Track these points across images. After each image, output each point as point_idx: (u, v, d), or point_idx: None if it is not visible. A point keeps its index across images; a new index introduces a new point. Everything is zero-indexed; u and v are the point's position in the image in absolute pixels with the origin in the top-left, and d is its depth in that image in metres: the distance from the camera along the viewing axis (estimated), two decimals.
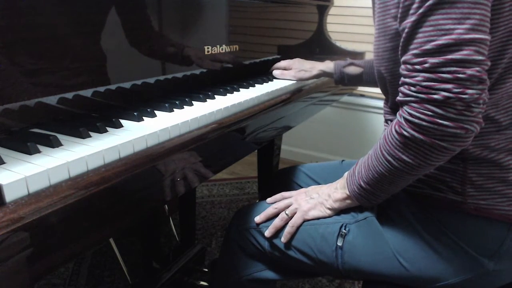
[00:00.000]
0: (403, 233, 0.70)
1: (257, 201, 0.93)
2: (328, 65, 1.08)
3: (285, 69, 1.08)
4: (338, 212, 0.76)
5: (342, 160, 1.02)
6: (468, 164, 0.64)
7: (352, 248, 0.72)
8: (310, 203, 0.76)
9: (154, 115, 0.68)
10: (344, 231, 0.72)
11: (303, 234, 0.76)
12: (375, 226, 0.72)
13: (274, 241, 0.78)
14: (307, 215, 0.75)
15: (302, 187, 0.92)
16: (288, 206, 0.78)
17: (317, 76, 1.08)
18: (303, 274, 0.86)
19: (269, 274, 0.82)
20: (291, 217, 0.76)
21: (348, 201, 0.73)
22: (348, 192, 0.72)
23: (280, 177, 1.06)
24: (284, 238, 0.76)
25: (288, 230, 0.76)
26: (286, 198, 0.81)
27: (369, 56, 1.46)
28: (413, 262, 0.69)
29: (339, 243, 0.72)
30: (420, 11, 0.54)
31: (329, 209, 0.75)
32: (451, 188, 0.66)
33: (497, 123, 0.63)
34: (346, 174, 0.74)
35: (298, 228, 0.76)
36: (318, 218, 0.75)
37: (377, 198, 0.69)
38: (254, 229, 0.81)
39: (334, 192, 0.75)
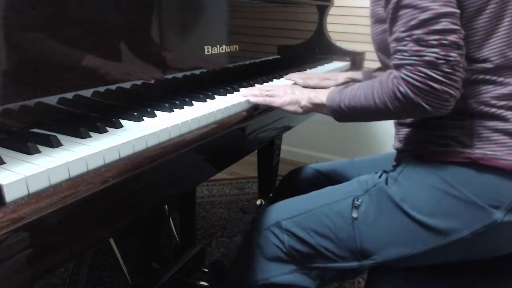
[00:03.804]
0: (412, 193, 0.72)
1: (257, 201, 0.93)
2: (352, 73, 1.11)
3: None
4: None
5: (351, 159, 1.05)
6: (474, 119, 0.69)
7: (367, 218, 0.75)
8: (289, 97, 0.85)
9: (154, 115, 0.68)
10: (357, 202, 0.76)
11: (319, 216, 0.78)
12: (385, 192, 0.74)
13: (292, 230, 0.80)
14: (283, 107, 0.84)
15: (312, 185, 0.93)
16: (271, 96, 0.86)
17: (344, 83, 1.07)
18: (322, 278, 0.84)
19: (285, 278, 0.82)
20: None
21: (321, 109, 0.82)
22: (325, 103, 0.80)
23: (290, 179, 1.08)
24: (252, 97, 0.85)
25: (261, 100, 0.85)
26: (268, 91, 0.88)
27: (369, 56, 1.46)
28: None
29: (354, 215, 0.76)
30: None
31: (301, 107, 0.83)
32: (460, 142, 0.69)
33: (489, 61, 0.68)
34: (331, 89, 0.81)
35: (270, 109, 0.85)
36: (291, 112, 0.85)
37: (346, 118, 0.79)
38: (273, 226, 0.82)
39: (315, 98, 0.82)
